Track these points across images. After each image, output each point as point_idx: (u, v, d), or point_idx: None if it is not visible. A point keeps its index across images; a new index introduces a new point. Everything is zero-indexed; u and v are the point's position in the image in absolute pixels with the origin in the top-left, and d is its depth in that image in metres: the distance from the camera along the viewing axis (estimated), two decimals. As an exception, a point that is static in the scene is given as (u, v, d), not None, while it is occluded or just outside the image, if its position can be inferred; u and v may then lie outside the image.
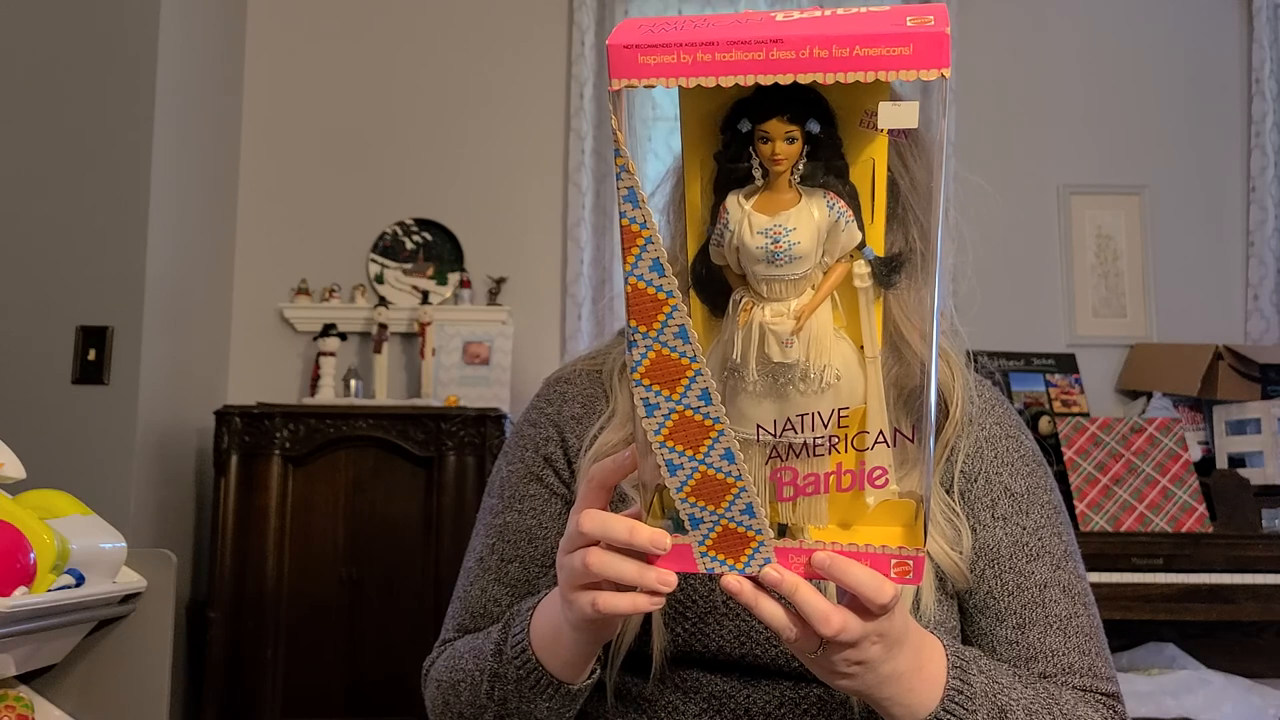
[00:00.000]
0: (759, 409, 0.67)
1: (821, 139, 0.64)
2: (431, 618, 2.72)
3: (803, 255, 0.64)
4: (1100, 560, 2.64)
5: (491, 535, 1.07)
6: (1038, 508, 1.00)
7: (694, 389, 0.66)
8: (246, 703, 2.77)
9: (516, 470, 1.08)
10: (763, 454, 0.68)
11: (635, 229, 0.63)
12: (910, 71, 0.59)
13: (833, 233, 0.65)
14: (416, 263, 3.38)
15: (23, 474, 1.46)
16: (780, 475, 0.68)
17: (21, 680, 1.50)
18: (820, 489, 0.68)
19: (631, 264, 0.64)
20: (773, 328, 0.66)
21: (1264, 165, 3.40)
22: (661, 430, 0.67)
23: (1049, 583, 0.96)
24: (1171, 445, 2.82)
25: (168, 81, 2.88)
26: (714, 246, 0.67)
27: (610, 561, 0.71)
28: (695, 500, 0.68)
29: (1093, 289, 3.43)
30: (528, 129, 3.43)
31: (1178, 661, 2.74)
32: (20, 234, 2.76)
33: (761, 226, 0.64)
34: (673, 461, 0.68)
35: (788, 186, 0.65)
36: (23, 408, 2.65)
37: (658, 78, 0.62)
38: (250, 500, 2.82)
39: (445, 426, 2.85)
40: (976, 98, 3.44)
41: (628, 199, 0.63)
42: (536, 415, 1.10)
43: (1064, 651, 0.94)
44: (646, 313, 0.65)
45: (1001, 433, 1.03)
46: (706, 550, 0.69)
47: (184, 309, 3.02)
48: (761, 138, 0.64)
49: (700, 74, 0.61)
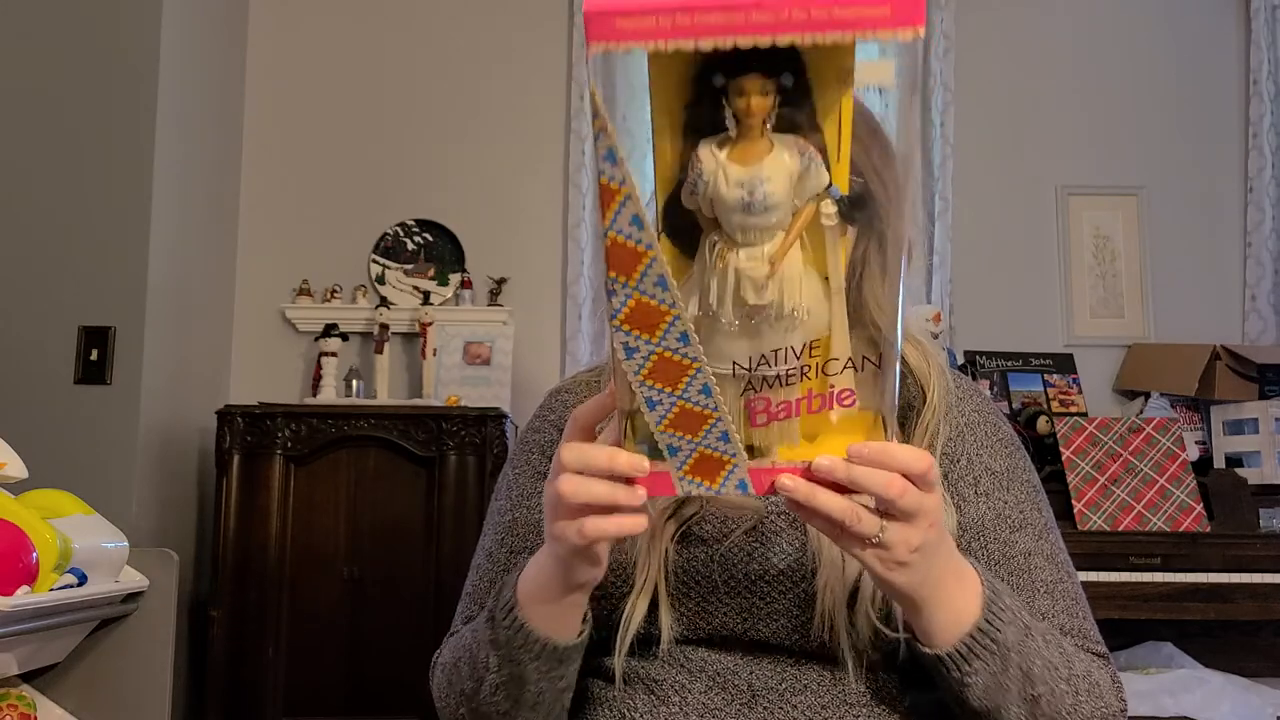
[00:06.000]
0: (734, 347, 0.70)
1: (793, 89, 0.65)
2: (432, 617, 2.73)
3: (777, 204, 0.66)
4: (1098, 560, 2.64)
5: (501, 531, 1.09)
6: (1018, 485, 1.03)
7: (673, 332, 0.68)
8: (247, 701, 2.78)
9: (523, 473, 1.11)
10: (737, 387, 0.71)
11: (614, 186, 0.65)
12: (887, 31, 0.60)
13: (803, 177, 0.66)
14: (418, 263, 3.39)
15: (25, 474, 1.47)
16: (754, 404, 0.71)
17: (24, 679, 1.51)
18: (792, 413, 0.71)
19: (611, 219, 0.65)
20: (748, 273, 0.68)
21: (1261, 166, 3.41)
22: (641, 371, 0.70)
23: (1033, 551, 0.99)
24: (1169, 445, 2.83)
25: (169, 82, 2.89)
26: (686, 194, 0.68)
27: (584, 484, 0.74)
28: (674, 431, 0.71)
29: (1090, 289, 3.43)
30: (528, 130, 3.44)
31: (1175, 661, 2.75)
32: (22, 234, 2.77)
33: (738, 178, 0.66)
34: (652, 399, 0.70)
35: (760, 135, 0.66)
36: (25, 408, 2.66)
37: (635, 41, 0.62)
38: (252, 500, 2.83)
39: (446, 426, 2.86)
40: (975, 98, 3.44)
41: (606, 158, 0.64)
42: (539, 422, 1.13)
43: (1054, 614, 0.97)
44: (626, 264, 0.66)
45: (980, 419, 1.06)
46: (684, 474, 0.72)
47: (186, 309, 3.03)
48: (736, 91, 0.64)
49: (679, 36, 0.61)
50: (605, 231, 0.66)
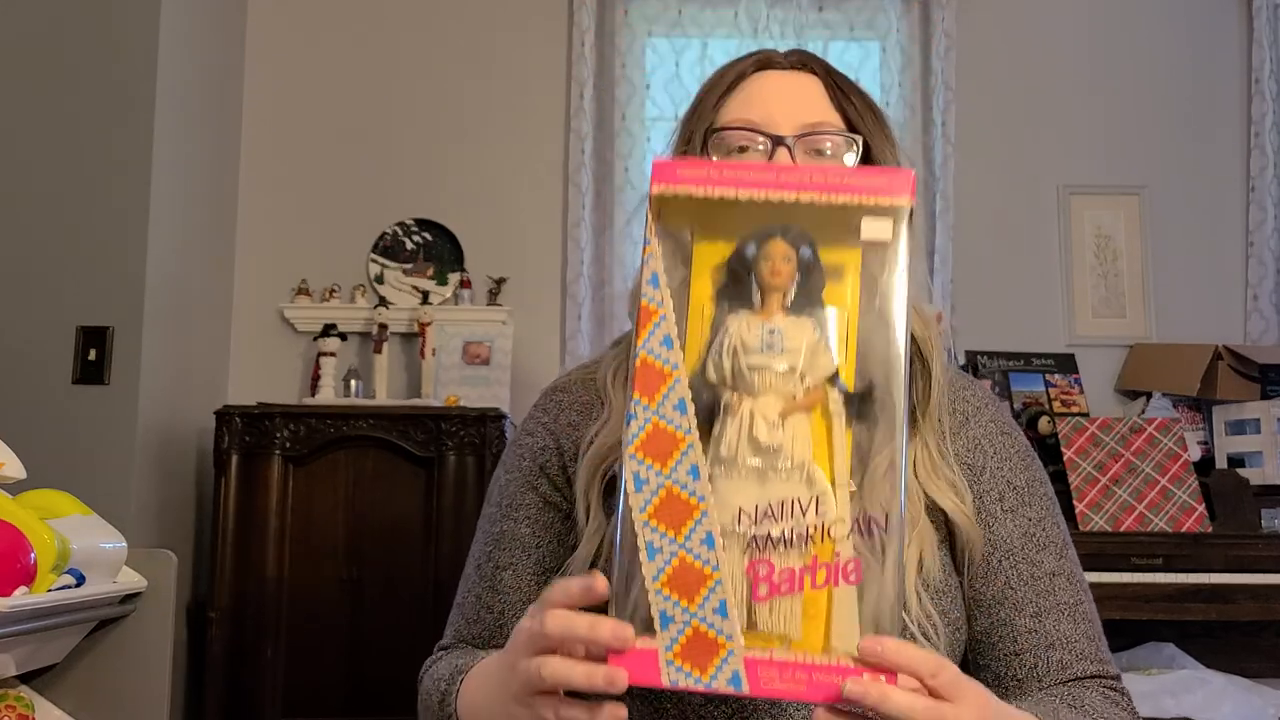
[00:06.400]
0: (741, 493, 0.72)
1: (810, 268, 0.75)
2: (432, 618, 2.72)
3: (793, 349, 0.74)
4: (1100, 560, 2.64)
5: (489, 543, 1.10)
6: (1038, 499, 1.06)
7: (684, 463, 0.72)
8: (246, 702, 2.77)
9: (514, 479, 1.11)
10: (740, 544, 0.71)
11: (653, 308, 0.74)
12: (885, 197, 0.75)
13: (816, 350, 0.74)
14: (416, 263, 3.38)
15: (23, 474, 1.46)
16: (757, 569, 0.71)
17: (22, 680, 1.50)
18: (796, 587, 0.71)
19: (645, 339, 0.74)
20: (762, 412, 0.73)
21: (1263, 165, 3.40)
22: (648, 507, 0.71)
23: (1056, 571, 1.02)
24: (1171, 445, 2.82)
25: (168, 81, 2.88)
26: (712, 362, 0.74)
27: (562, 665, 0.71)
28: (669, 593, 0.70)
29: (1092, 289, 3.43)
30: (528, 129, 3.44)
31: (1177, 661, 2.74)
32: (21, 234, 2.76)
33: (760, 325, 0.75)
34: (653, 544, 0.71)
35: (779, 308, 0.75)
36: (23, 408, 2.65)
37: (690, 186, 0.76)
38: (250, 500, 2.83)
39: (445, 426, 2.85)
40: (976, 97, 3.44)
41: (651, 282, 0.74)
42: (533, 425, 1.13)
43: (1076, 637, 1.00)
44: (651, 384, 0.73)
45: (997, 430, 1.08)
46: (673, 658, 0.70)
47: (184, 309, 3.02)
48: (764, 257, 0.75)
49: (724, 186, 0.76)
50: (637, 350, 0.74)
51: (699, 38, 3.45)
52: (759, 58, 1.08)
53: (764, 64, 1.08)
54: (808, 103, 1.05)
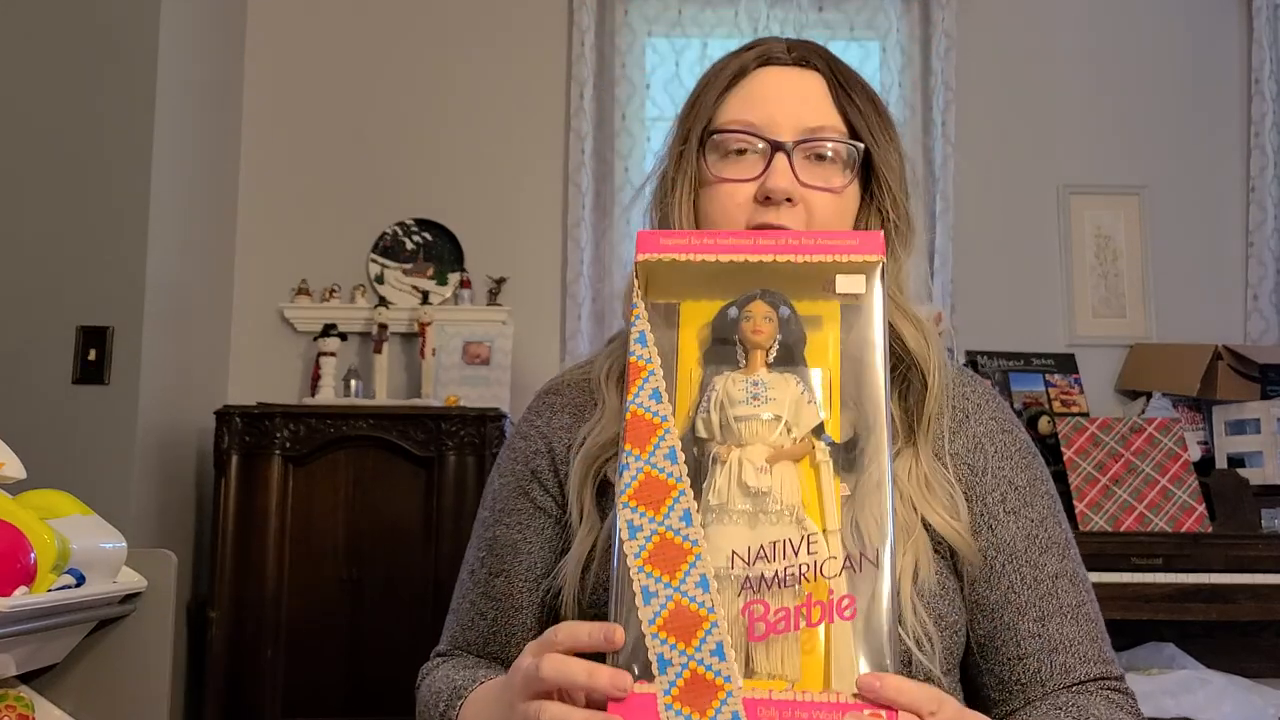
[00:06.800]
0: (733, 536, 0.73)
1: (791, 326, 0.79)
2: (431, 618, 2.72)
3: (777, 399, 0.77)
4: (1100, 560, 2.64)
5: (482, 549, 1.10)
6: (1039, 498, 1.05)
7: (676, 509, 0.74)
8: (246, 703, 2.77)
9: (507, 483, 1.11)
10: (735, 587, 0.72)
11: (642, 364, 0.78)
12: (857, 255, 0.80)
13: (800, 403, 0.77)
14: (416, 263, 3.38)
15: (23, 474, 1.46)
16: (752, 609, 0.71)
17: (22, 680, 1.50)
18: (791, 625, 0.71)
19: (634, 393, 0.77)
20: (749, 458, 0.75)
21: (1263, 165, 3.40)
22: (642, 554, 0.73)
23: (1059, 573, 1.01)
24: (1171, 445, 2.82)
25: (168, 81, 2.88)
26: (700, 418, 0.77)
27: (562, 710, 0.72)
28: (666, 636, 0.71)
29: (1092, 289, 3.43)
30: (528, 129, 3.44)
31: (1177, 661, 2.74)
32: (20, 234, 2.76)
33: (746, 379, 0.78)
34: (648, 588, 0.72)
35: (763, 364, 0.78)
36: (23, 408, 2.65)
37: (673, 253, 0.81)
38: (250, 500, 2.82)
39: (445, 426, 2.85)
40: (976, 97, 3.44)
41: (639, 340, 0.79)
42: (526, 428, 1.13)
43: (1079, 640, 0.99)
44: (642, 436, 0.76)
45: (998, 427, 1.07)
46: (672, 702, 0.70)
47: (184, 309, 3.02)
48: (745, 318, 0.79)
49: (705, 253, 0.81)
50: (628, 405, 0.77)
51: (699, 38, 3.45)
52: (761, 51, 1.06)
53: (766, 58, 1.05)
54: (809, 105, 1.03)
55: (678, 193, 1.04)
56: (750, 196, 1.00)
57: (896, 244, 1.04)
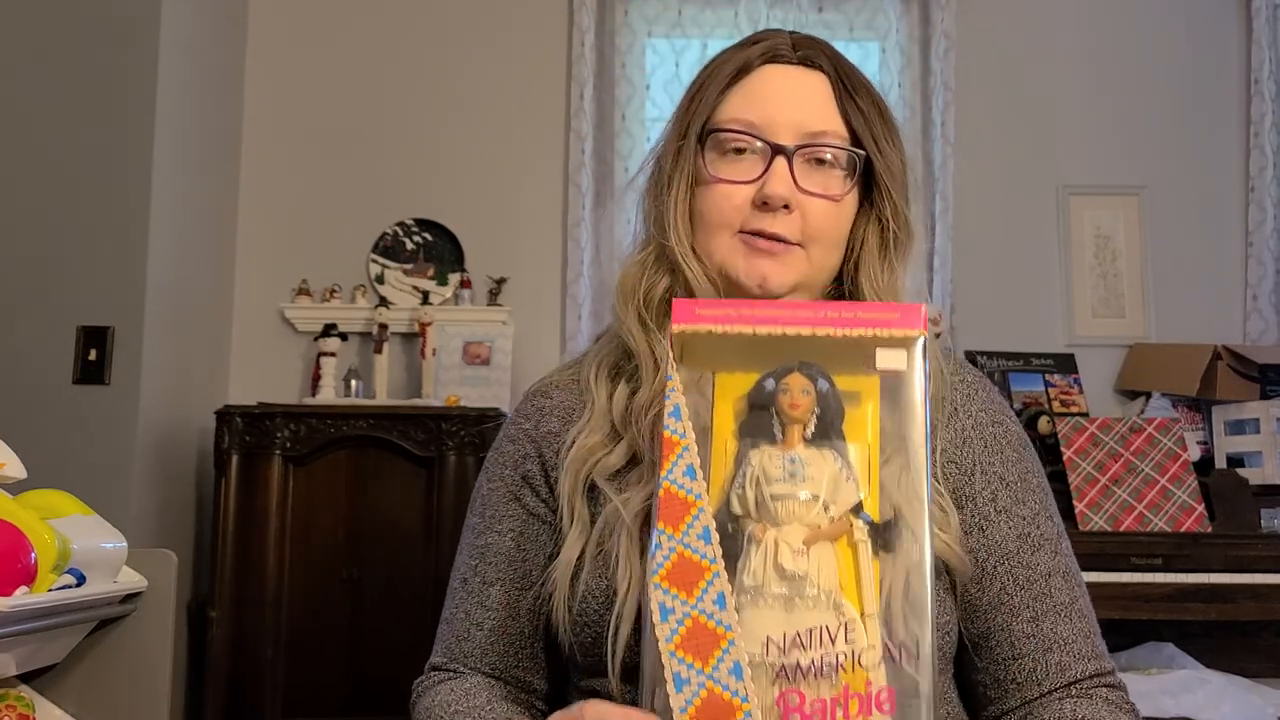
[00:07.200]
0: (768, 621, 0.71)
1: (829, 401, 0.77)
2: (432, 618, 2.69)
3: (815, 478, 0.74)
4: (1099, 560, 2.64)
5: (474, 557, 1.08)
6: (1030, 493, 1.03)
7: (710, 592, 0.71)
8: (247, 702, 2.77)
9: (496, 489, 1.09)
10: (769, 675, 0.70)
11: (676, 439, 0.75)
12: (898, 330, 0.77)
13: (838, 480, 0.75)
14: (417, 263, 3.38)
15: (24, 474, 1.46)
16: (787, 699, 0.70)
17: (22, 680, 1.50)
18: (828, 718, 0.70)
19: (668, 469, 0.75)
20: (785, 539, 0.73)
21: (1263, 165, 3.40)
22: (674, 637, 0.70)
23: (1052, 571, 1.00)
24: (1170, 445, 2.82)
25: (169, 81, 2.88)
26: (735, 494, 0.75)
27: None
28: None
29: (1092, 289, 3.43)
30: (528, 129, 3.44)
31: (1177, 661, 2.74)
32: (21, 234, 2.76)
33: (783, 455, 0.76)
34: (680, 675, 0.70)
35: (800, 439, 0.76)
36: (24, 408, 2.66)
37: (710, 324, 0.79)
38: (251, 500, 2.83)
39: (446, 426, 2.85)
40: (976, 98, 3.44)
41: (673, 414, 0.76)
42: (515, 431, 1.10)
43: (1073, 638, 0.98)
44: (675, 515, 0.73)
45: (987, 419, 1.05)
46: None
47: (185, 309, 3.02)
48: (783, 391, 0.77)
49: (742, 324, 0.78)
50: (661, 481, 0.74)
51: (699, 38, 3.45)
52: (766, 47, 1.03)
53: (769, 56, 1.03)
54: (812, 108, 1.01)
55: (674, 190, 1.02)
56: (747, 199, 0.99)
57: (894, 253, 1.02)
